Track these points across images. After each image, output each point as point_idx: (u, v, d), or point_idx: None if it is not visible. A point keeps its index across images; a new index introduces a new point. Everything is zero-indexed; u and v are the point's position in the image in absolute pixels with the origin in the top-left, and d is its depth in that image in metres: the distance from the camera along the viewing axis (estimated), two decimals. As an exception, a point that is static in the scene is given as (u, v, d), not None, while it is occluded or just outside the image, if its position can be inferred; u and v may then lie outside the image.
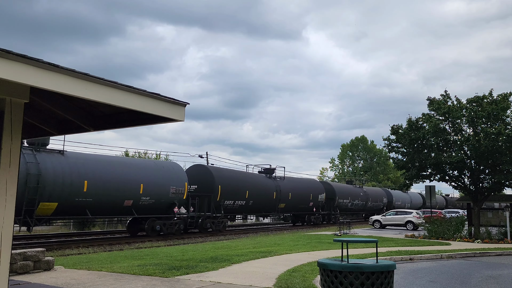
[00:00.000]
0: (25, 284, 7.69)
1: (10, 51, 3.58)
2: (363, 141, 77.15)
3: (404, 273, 11.17)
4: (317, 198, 37.44)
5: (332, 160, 78.87)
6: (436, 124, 21.48)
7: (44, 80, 3.88)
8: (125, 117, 5.71)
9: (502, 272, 11.88)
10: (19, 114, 4.65)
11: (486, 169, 22.15)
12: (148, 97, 4.85)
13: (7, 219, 4.46)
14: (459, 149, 21.99)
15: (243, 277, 8.97)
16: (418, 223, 30.32)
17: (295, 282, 8.38)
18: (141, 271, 9.39)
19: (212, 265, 10.52)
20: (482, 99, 21.78)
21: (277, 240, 19.58)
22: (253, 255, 12.90)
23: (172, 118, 5.13)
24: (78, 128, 6.15)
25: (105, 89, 4.41)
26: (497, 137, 20.18)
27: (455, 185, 23.42)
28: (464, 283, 10.07)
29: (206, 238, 23.60)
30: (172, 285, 8.01)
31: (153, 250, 15.26)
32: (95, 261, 11.72)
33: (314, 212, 37.57)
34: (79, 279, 8.44)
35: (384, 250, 15.16)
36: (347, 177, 67.89)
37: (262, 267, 10.50)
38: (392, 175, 71.74)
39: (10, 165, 4.53)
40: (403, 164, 23.54)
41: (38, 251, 9.25)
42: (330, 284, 6.19)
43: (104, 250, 17.18)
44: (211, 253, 13.51)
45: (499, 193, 24.46)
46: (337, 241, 6.90)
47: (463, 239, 20.79)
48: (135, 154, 45.21)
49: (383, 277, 6.06)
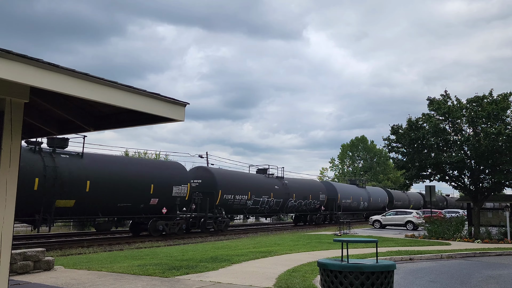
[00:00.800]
0: (25, 284, 7.69)
1: (10, 51, 3.58)
2: (363, 141, 77.16)
3: (404, 273, 11.17)
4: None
5: (332, 160, 78.94)
6: (436, 124, 21.47)
7: (44, 80, 3.88)
8: (125, 117, 5.71)
9: (502, 272, 11.87)
10: (19, 114, 4.65)
11: (486, 169, 22.13)
12: (148, 97, 4.85)
13: (7, 219, 4.46)
14: (459, 149, 21.99)
15: (243, 277, 8.97)
16: (418, 223, 30.32)
17: (295, 282, 8.38)
18: (141, 271, 9.39)
19: (212, 265, 10.52)
20: (482, 99, 21.78)
21: (277, 240, 19.58)
22: (253, 255, 12.90)
23: (172, 118, 5.13)
24: (78, 128, 6.15)
25: (105, 89, 4.41)
26: (497, 137, 20.17)
27: (455, 185, 23.41)
28: (464, 283, 10.06)
29: (206, 238, 23.59)
30: (172, 285, 8.01)
31: (153, 250, 15.25)
32: (95, 261, 11.72)
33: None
34: (79, 279, 8.44)
35: (384, 250, 15.16)
36: (347, 177, 67.87)
37: (262, 267, 10.50)
38: (392, 175, 71.73)
39: (10, 165, 4.53)
40: (403, 164, 23.53)
41: (38, 251, 9.25)
42: (330, 284, 6.19)
43: (104, 250, 17.18)
44: (211, 253, 13.51)
45: (499, 193, 24.46)
46: (337, 241, 6.90)
47: (463, 239, 20.79)
48: (135, 154, 45.22)
49: (383, 277, 6.06)
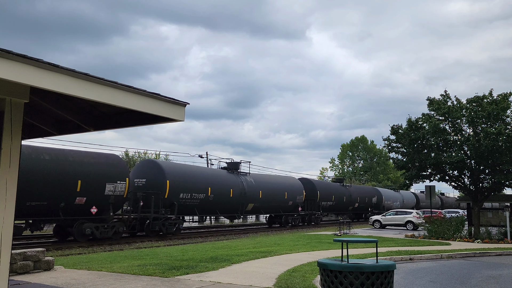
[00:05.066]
0: (25, 284, 7.69)
1: (10, 51, 3.58)
2: (363, 141, 77.24)
3: (404, 273, 11.17)
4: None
5: (332, 160, 79.01)
6: (436, 124, 21.47)
7: (44, 80, 3.88)
8: (125, 117, 5.70)
9: (502, 272, 11.87)
10: (19, 114, 4.65)
11: (486, 169, 22.13)
12: (148, 97, 4.84)
13: (7, 219, 4.46)
14: (459, 149, 21.98)
15: (243, 277, 8.97)
16: (418, 223, 30.32)
17: (295, 282, 8.38)
18: (141, 271, 9.39)
19: (212, 265, 10.52)
20: (482, 99, 21.78)
21: (277, 240, 19.58)
22: (253, 255, 12.90)
23: (172, 118, 5.13)
24: (78, 128, 6.14)
25: (105, 89, 4.41)
26: (497, 137, 20.17)
27: (455, 185, 23.42)
28: (464, 283, 10.06)
29: (206, 238, 23.59)
30: (172, 285, 8.01)
31: (153, 250, 15.25)
32: (95, 261, 11.72)
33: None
34: (79, 279, 8.44)
35: (384, 250, 15.16)
36: (347, 177, 67.83)
37: (262, 267, 10.50)
38: (392, 175, 71.78)
39: (10, 165, 4.52)
40: (403, 164, 23.53)
41: (38, 251, 9.25)
42: (330, 284, 6.19)
43: (104, 250, 17.18)
44: (211, 253, 13.51)
45: (499, 193, 24.46)
46: (337, 241, 6.91)
47: (463, 239, 20.78)
48: (135, 154, 45.25)
49: (383, 277, 6.06)
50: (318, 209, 37.35)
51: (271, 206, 32.19)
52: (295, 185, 34.98)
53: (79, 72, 4.17)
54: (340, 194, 41.41)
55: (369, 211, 46.67)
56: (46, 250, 12.28)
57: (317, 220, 37.42)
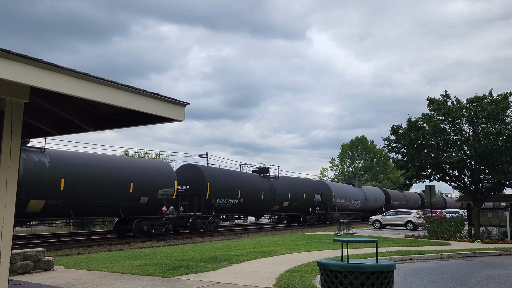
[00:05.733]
0: (25, 284, 7.69)
1: (10, 51, 3.58)
2: (363, 141, 77.17)
3: (404, 273, 11.17)
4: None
5: (332, 160, 78.94)
6: (436, 124, 21.47)
7: (44, 80, 3.88)
8: (125, 117, 5.71)
9: (502, 272, 11.87)
10: (19, 114, 4.65)
11: (486, 169, 22.13)
12: (148, 97, 4.85)
13: (7, 219, 4.46)
14: (459, 149, 21.98)
15: (243, 277, 8.97)
16: (418, 223, 30.34)
17: (295, 282, 8.38)
18: (141, 271, 9.39)
19: (212, 265, 10.52)
20: (482, 99, 21.78)
21: (277, 240, 19.58)
22: (253, 255, 12.90)
23: (172, 118, 5.13)
24: (78, 128, 6.15)
25: (105, 89, 4.41)
26: (497, 137, 20.17)
27: (455, 185, 23.42)
28: (464, 283, 10.06)
29: (206, 238, 23.59)
30: (172, 285, 8.01)
31: (153, 250, 15.25)
32: (95, 261, 11.72)
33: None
34: (79, 279, 8.44)
35: (384, 250, 15.16)
36: (347, 177, 67.85)
37: (262, 267, 10.50)
38: (392, 175, 71.72)
39: (10, 165, 4.53)
40: (403, 164, 23.53)
41: (38, 251, 9.25)
42: (330, 284, 6.19)
43: (104, 250, 17.18)
44: (211, 253, 13.51)
45: (499, 193, 24.46)
46: (337, 241, 6.91)
47: (463, 239, 20.78)
48: (135, 154, 45.20)
49: (383, 277, 6.06)
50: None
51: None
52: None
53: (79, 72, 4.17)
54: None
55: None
56: (46, 250, 12.28)
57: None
